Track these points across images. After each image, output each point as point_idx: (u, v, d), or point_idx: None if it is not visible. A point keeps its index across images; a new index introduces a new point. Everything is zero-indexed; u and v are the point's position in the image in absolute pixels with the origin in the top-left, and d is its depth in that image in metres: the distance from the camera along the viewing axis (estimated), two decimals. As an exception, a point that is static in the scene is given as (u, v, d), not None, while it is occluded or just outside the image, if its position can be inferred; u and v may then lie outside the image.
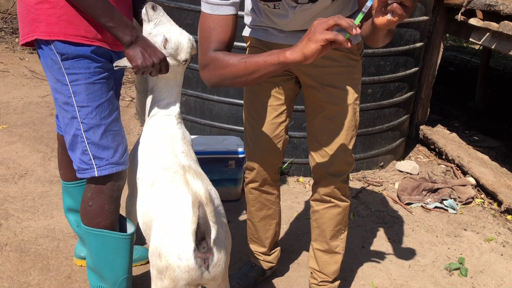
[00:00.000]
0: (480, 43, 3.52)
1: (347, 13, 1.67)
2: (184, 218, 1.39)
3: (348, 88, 1.74)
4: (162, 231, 1.42)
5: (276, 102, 1.87)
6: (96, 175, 1.70)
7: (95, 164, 1.68)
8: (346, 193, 1.92)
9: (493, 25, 3.22)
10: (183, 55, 1.70)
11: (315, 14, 1.61)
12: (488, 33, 3.41)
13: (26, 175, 3.04)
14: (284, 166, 3.29)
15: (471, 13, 3.57)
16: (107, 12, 1.51)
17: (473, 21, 3.49)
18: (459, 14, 3.67)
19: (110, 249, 1.80)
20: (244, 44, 2.98)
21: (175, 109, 1.82)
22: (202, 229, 1.33)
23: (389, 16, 1.25)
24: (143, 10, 1.67)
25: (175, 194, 1.48)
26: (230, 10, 1.48)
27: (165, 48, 1.66)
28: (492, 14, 3.32)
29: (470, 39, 3.66)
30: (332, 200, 1.91)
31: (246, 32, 1.87)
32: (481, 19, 3.43)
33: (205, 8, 1.50)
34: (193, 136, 2.99)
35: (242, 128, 3.23)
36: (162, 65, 1.63)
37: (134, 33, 1.57)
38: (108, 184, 1.73)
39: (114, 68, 1.63)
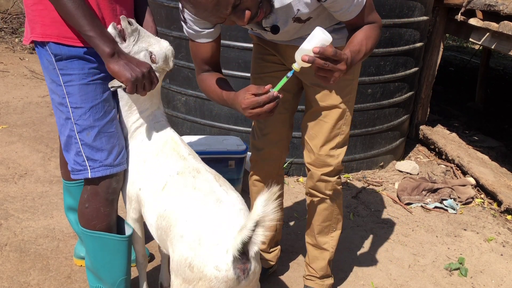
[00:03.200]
0: (480, 43, 3.52)
1: (332, 21, 1.69)
2: (221, 228, 1.38)
3: (336, 88, 1.78)
4: (193, 241, 1.39)
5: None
6: (90, 177, 1.69)
7: (89, 166, 1.68)
8: (332, 189, 1.93)
9: (493, 25, 3.23)
10: (171, 63, 1.67)
11: (293, 33, 1.67)
12: (488, 33, 3.41)
13: (26, 175, 3.04)
14: (284, 166, 3.29)
15: (471, 13, 3.57)
16: (88, 21, 1.46)
17: (473, 21, 3.49)
18: (459, 14, 3.67)
19: (107, 251, 1.80)
20: (240, 44, 3.02)
21: (162, 114, 1.76)
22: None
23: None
24: (115, 29, 1.54)
25: (205, 203, 1.45)
26: (207, 39, 1.64)
27: (155, 63, 1.61)
28: (492, 14, 3.32)
29: (470, 39, 3.66)
30: (317, 194, 1.95)
31: (250, 30, 1.91)
32: (481, 19, 3.43)
33: (186, 33, 1.67)
34: (193, 136, 2.99)
35: (242, 128, 3.24)
36: (152, 75, 1.56)
37: (116, 46, 1.51)
38: (103, 186, 1.72)
39: (110, 89, 1.58)
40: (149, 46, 1.60)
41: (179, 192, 1.53)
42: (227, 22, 1.40)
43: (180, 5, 1.62)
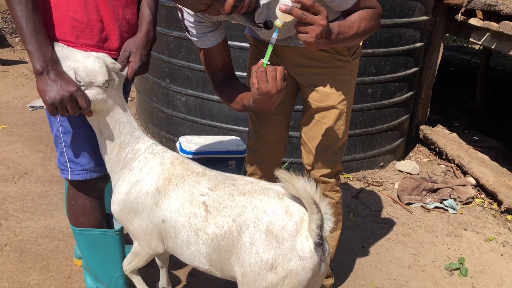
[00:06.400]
0: (480, 43, 3.52)
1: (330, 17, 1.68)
2: (294, 218, 1.36)
3: (333, 89, 1.77)
4: (269, 242, 1.35)
5: None
6: (69, 179, 1.71)
7: (70, 168, 1.69)
8: (331, 190, 1.93)
9: (493, 25, 3.22)
10: (100, 78, 1.46)
11: (287, 28, 1.66)
12: (488, 33, 3.41)
13: (26, 175, 3.04)
14: (284, 166, 3.29)
15: (471, 13, 3.57)
16: (29, 34, 1.40)
17: (473, 21, 3.49)
18: (459, 14, 3.67)
19: (99, 247, 1.81)
20: (240, 44, 3.02)
21: (144, 136, 1.60)
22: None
23: (300, 42, 1.39)
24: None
25: (269, 201, 1.41)
26: (212, 43, 1.63)
27: (78, 81, 1.45)
28: (492, 14, 3.32)
29: (470, 39, 3.66)
30: None
31: (247, 30, 1.92)
32: (481, 19, 3.43)
33: (194, 43, 1.65)
34: (193, 136, 2.99)
35: (242, 128, 3.24)
36: (78, 98, 1.42)
37: (48, 65, 1.41)
38: (86, 186, 1.73)
39: (29, 110, 1.52)
40: (74, 63, 1.46)
41: (229, 204, 1.43)
42: (210, 11, 1.37)
43: (179, 15, 1.61)
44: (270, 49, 1.39)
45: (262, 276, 1.36)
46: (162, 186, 1.52)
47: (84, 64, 1.46)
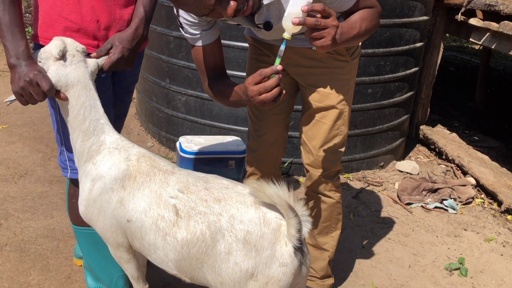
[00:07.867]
0: (480, 43, 3.52)
1: None
2: (272, 225, 1.33)
3: (333, 89, 1.77)
4: (248, 251, 1.32)
5: None
6: (69, 177, 1.73)
7: (69, 166, 1.71)
8: (331, 189, 1.93)
9: (493, 25, 3.22)
10: (54, 50, 1.45)
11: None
12: (488, 33, 3.41)
13: (26, 175, 3.04)
14: (284, 166, 3.29)
15: (471, 13, 3.57)
16: (4, 28, 1.41)
17: (473, 21, 3.49)
18: (459, 14, 3.67)
19: (100, 246, 1.81)
20: (240, 44, 3.02)
21: (110, 128, 1.52)
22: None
23: (313, 48, 1.39)
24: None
25: (245, 209, 1.36)
26: (206, 41, 1.62)
27: (39, 62, 1.46)
28: (492, 14, 3.32)
29: (470, 39, 3.66)
30: (317, 194, 1.95)
31: (246, 30, 1.91)
32: (481, 19, 3.43)
33: (187, 39, 1.65)
34: (193, 136, 2.99)
35: (242, 128, 3.24)
36: (38, 81, 1.40)
37: (20, 58, 1.42)
38: None
39: (7, 104, 1.54)
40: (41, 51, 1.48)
41: (203, 211, 1.37)
42: (213, 14, 1.37)
43: (175, 10, 1.61)
44: (278, 61, 1.38)
45: (243, 284, 1.34)
46: (127, 183, 1.44)
47: (45, 47, 1.47)
